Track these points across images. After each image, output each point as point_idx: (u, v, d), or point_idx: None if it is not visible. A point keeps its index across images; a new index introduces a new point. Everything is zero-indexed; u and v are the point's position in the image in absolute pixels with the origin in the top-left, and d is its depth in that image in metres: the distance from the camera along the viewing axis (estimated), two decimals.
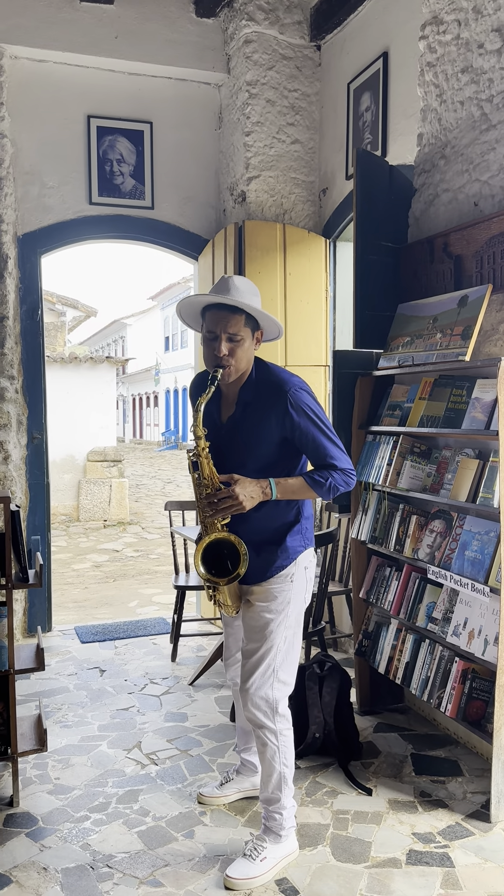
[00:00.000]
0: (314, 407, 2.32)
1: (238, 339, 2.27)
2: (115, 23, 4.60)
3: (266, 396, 2.32)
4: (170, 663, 4.26)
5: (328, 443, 2.31)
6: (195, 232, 5.01)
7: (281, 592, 2.38)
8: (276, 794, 2.42)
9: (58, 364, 11.35)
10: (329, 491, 2.32)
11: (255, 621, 2.40)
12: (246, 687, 2.40)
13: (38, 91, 4.65)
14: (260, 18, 4.54)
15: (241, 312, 2.27)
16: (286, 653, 2.41)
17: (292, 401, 2.28)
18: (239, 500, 2.22)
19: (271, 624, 2.37)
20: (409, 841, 2.53)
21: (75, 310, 15.10)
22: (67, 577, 7.45)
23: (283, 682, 2.42)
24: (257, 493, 2.26)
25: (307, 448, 2.33)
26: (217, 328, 2.27)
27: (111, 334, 37.51)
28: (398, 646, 3.27)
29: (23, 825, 2.64)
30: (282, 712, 2.42)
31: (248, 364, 2.35)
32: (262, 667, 2.38)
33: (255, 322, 2.33)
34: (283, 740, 2.42)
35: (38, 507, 4.78)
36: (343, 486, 2.33)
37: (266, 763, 2.43)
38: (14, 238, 4.62)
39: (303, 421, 2.29)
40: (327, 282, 4.60)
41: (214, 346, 2.27)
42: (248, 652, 2.42)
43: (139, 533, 10.27)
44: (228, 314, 2.26)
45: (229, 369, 2.28)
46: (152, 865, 2.41)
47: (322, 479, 2.30)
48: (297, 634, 2.45)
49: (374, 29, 4.11)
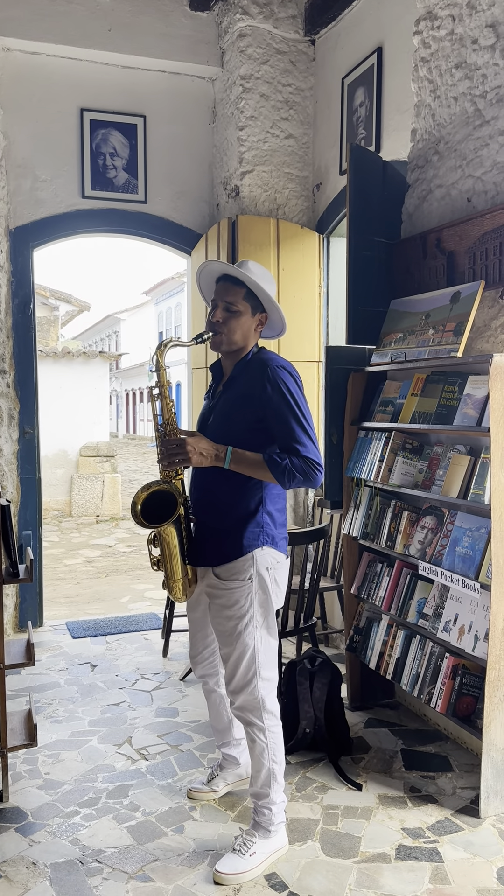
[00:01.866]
0: (292, 388, 2.28)
1: (234, 311, 2.33)
2: (108, 15, 4.57)
3: (250, 374, 2.35)
4: (161, 659, 4.26)
5: (297, 426, 2.24)
6: (188, 226, 5.00)
7: (240, 594, 2.34)
8: (265, 790, 2.42)
9: (50, 359, 11.32)
10: (285, 475, 2.22)
11: (223, 626, 2.39)
12: (231, 689, 2.42)
13: (31, 84, 4.62)
14: (254, 12, 4.52)
15: (243, 286, 2.33)
16: (265, 651, 2.40)
17: (269, 376, 2.27)
18: (186, 451, 2.23)
19: (238, 627, 2.36)
20: (398, 836, 2.54)
21: (68, 304, 15.05)
22: (59, 572, 7.44)
23: (266, 679, 2.41)
24: (210, 452, 2.26)
25: (275, 427, 2.27)
26: (218, 297, 2.36)
27: (105, 329, 37.40)
28: (389, 641, 3.27)
29: (12, 820, 2.64)
30: (269, 709, 2.41)
31: (243, 339, 2.37)
32: (241, 669, 2.38)
33: (257, 301, 2.37)
34: (271, 737, 2.42)
35: (29, 503, 4.77)
36: (301, 475, 2.22)
37: (255, 759, 2.43)
38: (6, 231, 4.59)
39: (276, 397, 2.25)
40: (321, 277, 4.60)
41: (213, 313, 2.37)
42: (225, 656, 2.42)
43: (132, 528, 10.26)
44: (231, 285, 2.34)
45: (220, 336, 2.34)
46: (142, 860, 2.41)
47: (279, 459, 2.23)
48: (271, 633, 2.41)
49: (368, 24, 4.10)
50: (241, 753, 2.79)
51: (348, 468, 3.49)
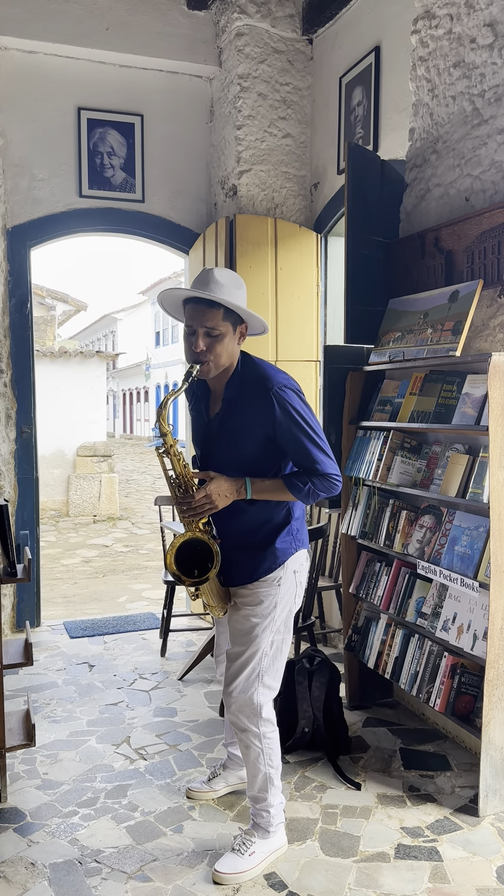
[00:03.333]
0: (299, 407, 2.23)
1: (217, 334, 2.20)
2: (105, 14, 4.56)
3: (251, 394, 2.25)
4: (159, 658, 4.25)
5: (312, 446, 2.22)
6: (186, 226, 4.99)
7: (267, 596, 2.32)
8: (262, 794, 2.40)
9: (47, 358, 11.30)
10: (308, 496, 2.23)
11: (241, 625, 2.35)
12: (229, 690, 2.36)
13: (28, 82, 4.61)
14: (252, 11, 4.52)
15: (220, 306, 2.19)
16: (273, 658, 2.37)
17: (276, 399, 2.20)
18: (212, 500, 2.19)
19: (257, 628, 2.32)
20: (397, 835, 2.54)
21: (65, 304, 15.05)
22: (56, 572, 7.43)
23: (268, 687, 2.38)
24: (231, 491, 2.22)
25: (290, 449, 2.25)
26: (195, 322, 2.21)
27: (102, 329, 37.38)
28: (387, 641, 3.27)
29: (10, 820, 2.63)
30: (265, 716, 2.37)
31: (229, 359, 2.27)
32: (246, 671, 2.33)
33: (236, 315, 2.25)
34: (266, 743, 2.38)
35: (26, 502, 4.76)
36: (324, 492, 2.23)
37: (251, 765, 2.40)
38: (3, 230, 4.58)
39: (286, 421, 2.20)
40: (318, 277, 4.59)
41: (193, 340, 2.21)
42: (233, 655, 2.37)
43: (129, 528, 10.25)
44: (206, 308, 2.19)
45: (208, 365, 2.22)
46: (141, 860, 2.40)
47: (301, 483, 2.22)
48: (285, 640, 2.40)
49: (366, 23, 4.09)
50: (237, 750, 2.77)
51: (346, 467, 3.48)
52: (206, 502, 2.19)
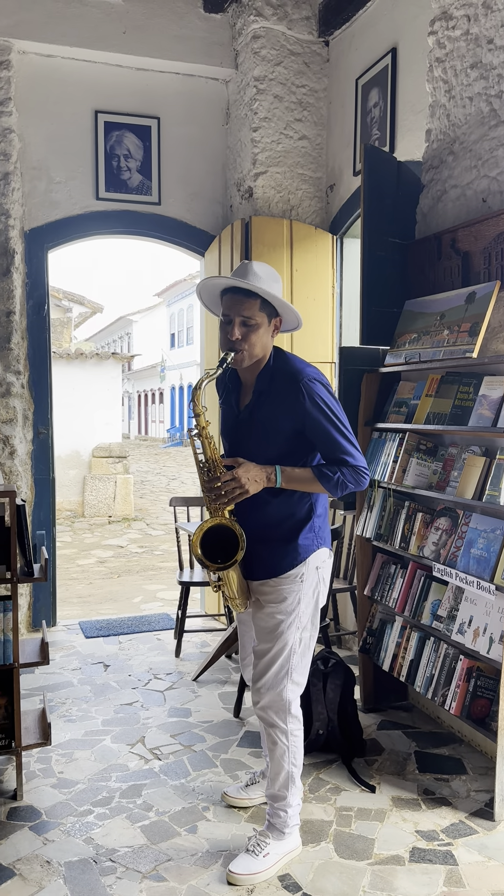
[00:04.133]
0: (328, 400, 2.26)
1: (252, 324, 2.24)
2: (123, 18, 4.59)
3: (280, 386, 2.28)
4: (174, 659, 4.27)
5: (341, 437, 2.24)
6: (202, 228, 5.01)
7: (291, 593, 2.32)
8: (282, 792, 2.40)
9: (63, 360, 11.37)
10: (337, 486, 2.23)
11: (266, 622, 2.36)
12: (258, 686, 2.37)
13: (46, 86, 4.65)
14: (268, 14, 4.53)
15: (257, 297, 2.24)
16: (301, 654, 2.38)
17: (305, 392, 2.23)
18: (242, 484, 2.19)
19: (282, 625, 2.33)
20: (412, 838, 2.53)
21: (81, 306, 15.12)
22: (72, 572, 7.47)
23: (297, 683, 2.39)
24: (261, 477, 2.22)
25: (318, 441, 2.26)
26: (231, 312, 2.25)
27: (118, 331, 37.52)
28: (403, 643, 3.26)
29: (26, 818, 2.65)
30: (294, 713, 2.38)
31: (263, 350, 2.31)
32: (275, 667, 2.34)
33: (272, 308, 2.29)
34: (293, 740, 2.39)
35: (43, 502, 4.79)
36: (353, 483, 2.24)
37: (275, 761, 2.40)
38: (21, 233, 4.62)
39: (315, 413, 2.23)
40: (334, 278, 4.59)
41: (228, 329, 2.26)
42: (260, 652, 2.37)
43: (144, 529, 10.28)
44: (244, 298, 2.23)
45: (242, 353, 2.26)
46: (155, 860, 2.41)
47: (331, 473, 2.23)
48: (312, 637, 2.41)
49: (382, 24, 4.09)
50: None
51: None
52: (235, 486, 2.19)
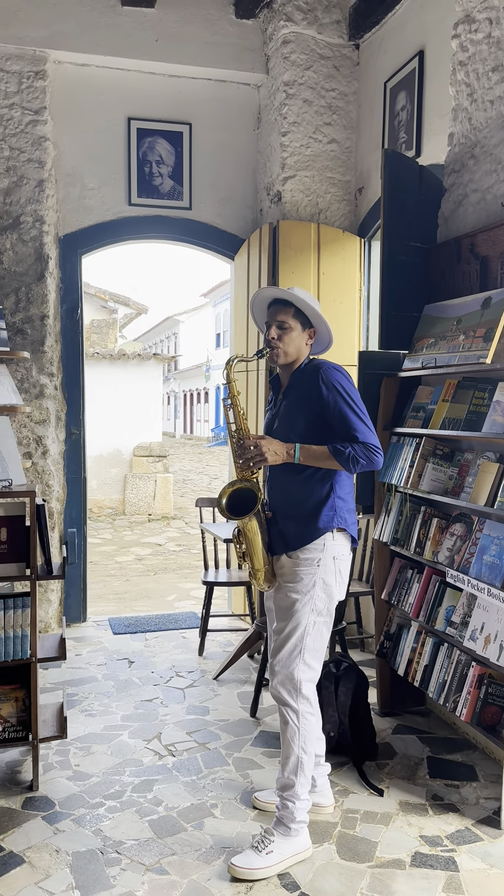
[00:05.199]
0: (345, 384, 2.50)
1: (286, 327, 2.57)
2: (155, 26, 4.67)
3: (305, 379, 2.56)
4: (197, 657, 4.33)
5: (353, 416, 2.46)
6: (232, 232, 5.06)
7: (307, 575, 2.48)
8: (290, 779, 2.47)
9: (107, 360, 11.56)
10: (349, 461, 2.42)
11: (283, 602, 2.52)
12: (273, 663, 2.52)
13: (80, 94, 4.76)
14: (298, 19, 4.55)
15: (292, 306, 2.58)
16: (314, 638, 2.50)
17: (324, 377, 2.49)
18: (262, 451, 2.46)
19: (297, 604, 2.48)
20: (415, 843, 2.54)
21: (126, 307, 15.32)
22: (110, 569, 7.61)
23: (308, 665, 2.50)
24: (281, 450, 2.48)
25: (334, 421, 2.47)
26: (270, 318, 2.62)
27: (164, 331, 37.89)
28: (418, 648, 3.26)
29: (40, 808, 2.74)
30: (305, 694, 2.49)
31: (297, 352, 2.60)
32: (288, 645, 2.48)
33: (305, 318, 2.60)
34: (304, 723, 2.48)
35: (74, 501, 4.90)
36: (363, 458, 2.43)
37: (286, 743, 2.49)
38: (55, 239, 4.74)
39: (331, 395, 2.47)
40: (361, 281, 4.59)
41: (268, 332, 2.61)
42: (277, 630, 2.53)
43: (182, 528, 10.40)
44: (281, 307, 2.60)
45: (277, 350, 2.58)
46: (160, 854, 2.47)
47: (342, 447, 2.43)
48: (326, 624, 2.54)
49: (410, 27, 4.08)
50: (321, 775, 2.74)
51: (380, 473, 3.49)
52: (256, 452, 2.47)
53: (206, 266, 41.28)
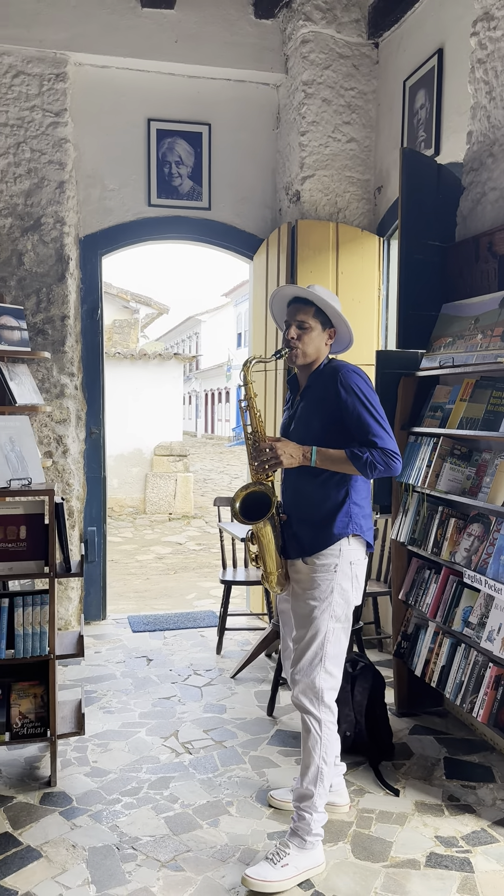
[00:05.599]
0: (363, 388, 2.44)
1: (306, 327, 2.51)
2: (175, 27, 4.69)
3: (324, 381, 2.51)
4: (214, 655, 4.35)
5: (372, 421, 2.41)
6: (251, 232, 5.07)
7: (324, 581, 2.45)
8: (309, 790, 2.42)
9: (128, 360, 11.63)
10: (367, 466, 2.37)
11: (301, 609, 2.49)
12: (294, 672, 2.49)
13: (101, 96, 4.79)
14: (317, 18, 4.55)
15: (312, 305, 2.52)
16: (334, 644, 2.46)
17: (342, 380, 2.44)
18: (277, 454, 2.42)
19: (315, 611, 2.44)
20: (430, 843, 2.53)
21: (148, 307, 15.41)
22: (131, 567, 7.66)
23: (329, 673, 2.46)
24: (297, 453, 2.43)
25: (352, 425, 2.42)
26: (290, 317, 2.56)
27: (186, 330, 38.00)
28: (435, 649, 3.25)
29: (58, 804, 2.77)
30: (327, 702, 2.46)
31: (316, 352, 2.54)
32: (309, 653, 2.45)
33: (325, 318, 2.54)
34: (325, 732, 2.45)
35: (94, 500, 4.95)
36: (382, 465, 2.38)
37: (306, 752, 2.46)
38: (76, 240, 4.78)
39: (350, 399, 2.42)
40: (380, 280, 4.58)
41: (287, 332, 2.56)
42: (297, 638, 2.50)
43: (202, 527, 10.43)
44: (301, 305, 2.53)
45: (296, 350, 2.52)
46: (175, 850, 2.49)
47: (360, 452, 2.38)
48: (344, 630, 2.50)
49: (429, 25, 4.06)
50: (336, 775, 2.73)
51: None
52: (271, 455, 2.43)
53: (228, 266, 41.42)
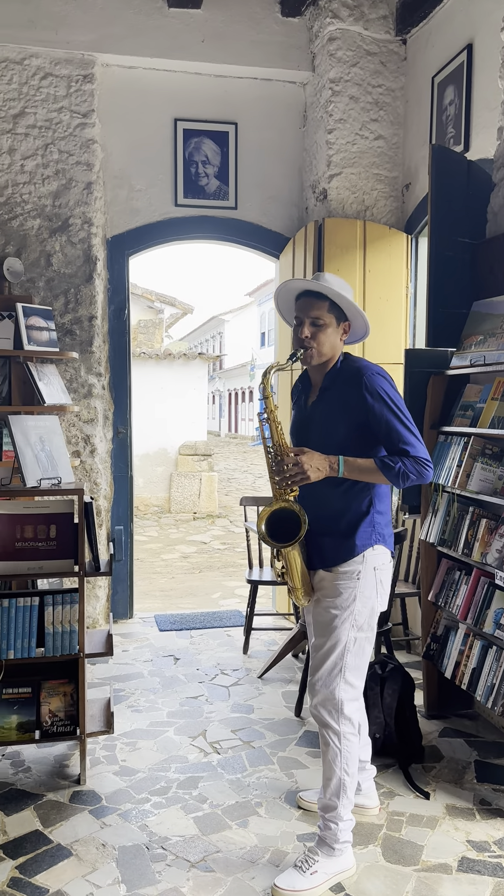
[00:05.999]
0: (390, 392, 2.32)
1: (321, 324, 2.36)
2: (202, 27, 4.69)
3: (344, 382, 2.37)
4: (241, 655, 4.35)
5: (402, 428, 2.29)
6: (277, 231, 5.05)
7: (346, 589, 2.36)
8: (332, 801, 2.38)
9: (153, 360, 11.67)
10: (399, 477, 2.27)
11: (322, 616, 2.40)
12: (313, 681, 2.41)
13: (128, 97, 4.81)
14: (344, 15, 4.52)
15: (326, 299, 2.36)
16: (356, 655, 2.38)
17: (367, 384, 2.30)
18: (304, 469, 2.27)
19: (336, 619, 2.36)
20: (462, 848, 2.50)
21: (172, 307, 15.44)
22: (156, 566, 7.68)
23: (350, 684, 2.39)
24: (324, 466, 2.29)
25: (381, 432, 2.31)
26: (302, 313, 2.38)
27: (210, 330, 38.08)
28: (466, 651, 3.21)
29: (87, 802, 2.78)
30: (347, 714, 2.38)
31: (331, 350, 2.40)
32: (328, 663, 2.37)
33: (340, 312, 2.39)
34: (346, 744, 2.38)
35: (121, 499, 4.96)
36: (414, 474, 2.27)
37: (327, 765, 2.40)
38: (103, 240, 4.80)
39: (377, 405, 2.29)
40: (408, 278, 4.54)
41: (299, 329, 2.39)
42: (316, 646, 2.42)
43: (227, 526, 10.44)
44: (314, 300, 2.36)
45: (311, 351, 2.37)
46: (204, 851, 2.48)
47: (392, 463, 2.27)
48: (368, 639, 2.41)
49: (458, 21, 4.02)
50: (366, 779, 2.71)
51: None
52: (297, 471, 2.28)
53: (251, 265, 41.46)
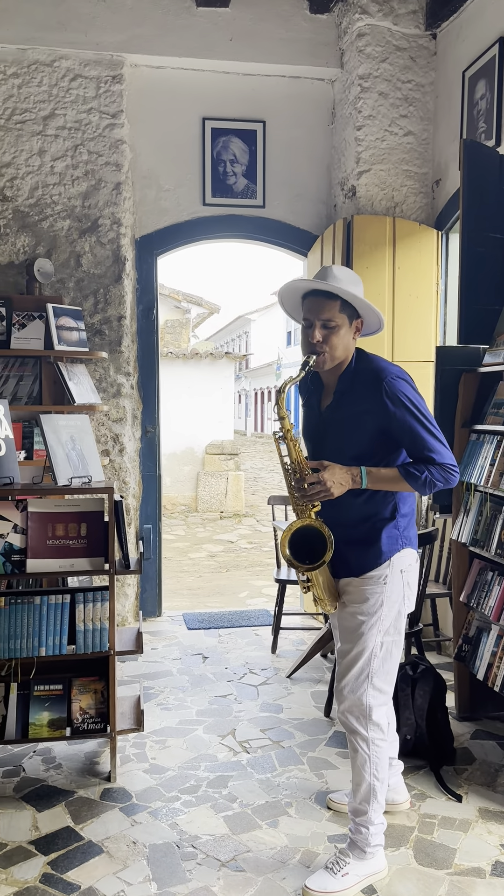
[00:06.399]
0: (412, 397, 2.23)
1: (333, 326, 2.24)
2: (230, 25, 4.68)
3: (363, 386, 2.27)
4: (270, 654, 4.33)
5: (427, 435, 2.20)
6: (305, 228, 5.03)
7: (373, 594, 2.30)
8: (363, 806, 2.35)
9: (180, 360, 11.71)
10: (425, 485, 2.20)
11: (348, 622, 2.35)
12: (340, 687, 2.36)
13: (156, 97, 4.82)
14: (373, 11, 4.48)
15: (337, 299, 2.24)
16: (383, 659, 2.34)
17: (388, 390, 2.21)
18: (327, 487, 2.18)
19: (363, 626, 2.31)
20: (496, 851, 2.47)
21: (199, 307, 15.48)
22: (184, 565, 7.70)
23: (379, 690, 2.34)
24: (347, 479, 2.21)
25: (404, 439, 2.23)
26: (312, 315, 2.26)
27: (236, 330, 38.13)
28: (499, 653, 3.17)
29: (118, 800, 2.79)
30: (376, 720, 2.33)
31: (345, 352, 2.30)
32: (355, 669, 2.32)
33: (352, 310, 2.28)
34: (374, 750, 2.34)
35: (150, 498, 4.98)
36: (441, 481, 2.20)
37: (356, 771, 2.37)
38: (132, 240, 4.82)
39: (399, 411, 2.20)
40: (438, 275, 4.50)
41: (310, 332, 2.26)
42: (342, 652, 2.37)
43: (254, 525, 10.43)
44: (324, 300, 2.24)
45: (324, 356, 2.26)
46: (235, 850, 2.48)
47: (417, 472, 2.19)
48: (396, 643, 2.37)
49: (490, 14, 3.96)
50: (394, 774, 2.69)
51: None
52: (320, 488, 2.19)
53: (277, 264, 41.43)
